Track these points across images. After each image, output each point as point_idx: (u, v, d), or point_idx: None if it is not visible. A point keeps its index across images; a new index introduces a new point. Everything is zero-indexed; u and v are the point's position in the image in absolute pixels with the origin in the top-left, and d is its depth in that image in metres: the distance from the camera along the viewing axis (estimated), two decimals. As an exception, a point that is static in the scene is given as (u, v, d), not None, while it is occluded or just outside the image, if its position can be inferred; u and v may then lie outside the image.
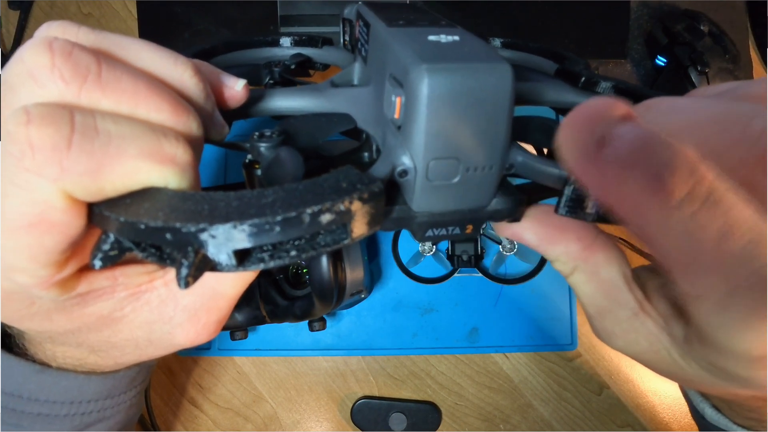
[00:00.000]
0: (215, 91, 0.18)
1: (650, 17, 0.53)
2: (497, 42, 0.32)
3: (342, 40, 0.27)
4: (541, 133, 0.22)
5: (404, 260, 0.49)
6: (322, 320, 0.45)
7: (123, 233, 0.14)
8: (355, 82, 0.24)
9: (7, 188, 0.14)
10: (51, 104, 0.14)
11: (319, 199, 0.13)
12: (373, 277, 0.49)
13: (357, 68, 0.24)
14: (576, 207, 0.17)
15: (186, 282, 0.13)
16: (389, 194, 0.17)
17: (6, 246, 0.14)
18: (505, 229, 0.20)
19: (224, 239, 0.13)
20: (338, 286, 0.38)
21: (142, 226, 0.13)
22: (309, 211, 0.13)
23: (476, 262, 0.48)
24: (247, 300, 0.42)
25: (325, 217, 0.14)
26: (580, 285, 0.20)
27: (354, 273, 0.38)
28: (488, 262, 0.50)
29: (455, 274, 0.49)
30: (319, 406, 0.49)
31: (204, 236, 0.13)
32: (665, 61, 0.50)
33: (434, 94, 0.15)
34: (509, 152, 0.18)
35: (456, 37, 0.17)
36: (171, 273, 0.20)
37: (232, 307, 0.22)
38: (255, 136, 0.17)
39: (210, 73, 0.18)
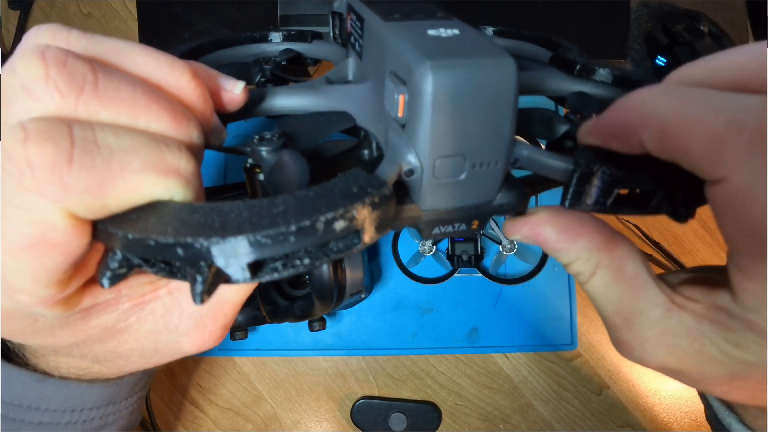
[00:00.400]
0: (213, 95, 0.18)
1: (650, 17, 0.53)
2: (490, 30, 0.32)
3: (332, 34, 0.27)
4: (542, 125, 0.21)
5: (404, 260, 0.49)
6: (322, 320, 0.45)
7: (131, 250, 0.14)
8: (350, 77, 0.24)
9: (5, 209, 0.13)
10: (48, 119, 0.13)
11: (332, 206, 0.13)
12: (373, 277, 0.49)
13: (351, 64, 0.24)
14: (580, 198, 0.17)
15: (201, 298, 0.13)
16: (397, 194, 0.17)
17: (7, 267, 0.14)
18: (521, 227, 0.19)
19: (238, 252, 0.13)
20: (338, 286, 0.38)
21: (152, 243, 0.13)
22: (323, 218, 0.13)
23: (476, 262, 0.48)
24: (247, 300, 0.41)
25: (339, 224, 0.13)
26: (603, 289, 0.18)
27: (354, 273, 0.38)
28: (488, 262, 0.50)
29: (455, 274, 0.49)
30: (319, 406, 0.49)
31: (217, 250, 0.13)
32: (665, 61, 0.50)
33: (439, 91, 0.15)
34: (514, 146, 0.18)
35: (456, 31, 0.17)
36: (175, 281, 0.20)
37: (237, 312, 0.21)
38: (255, 140, 0.17)
39: (207, 76, 0.18)
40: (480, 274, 0.49)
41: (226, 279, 0.14)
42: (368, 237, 0.14)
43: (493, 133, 0.16)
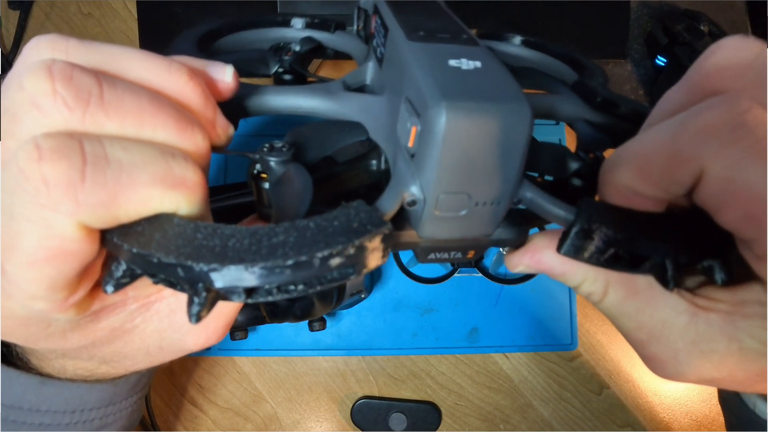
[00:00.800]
0: (208, 88, 0.18)
1: (650, 17, 0.53)
2: (517, 39, 0.31)
3: (356, 26, 0.26)
4: (553, 161, 0.21)
5: (404, 260, 0.49)
6: (322, 320, 0.45)
7: (135, 263, 0.14)
8: (368, 82, 0.23)
9: (21, 224, 0.14)
10: (59, 135, 0.13)
11: (330, 243, 0.14)
12: (373, 277, 0.49)
13: (371, 69, 0.23)
14: (576, 250, 0.17)
15: (198, 318, 0.14)
16: (396, 219, 0.17)
17: (24, 278, 0.14)
18: (521, 258, 0.19)
19: (235, 279, 0.13)
20: (338, 286, 0.38)
21: (155, 260, 0.13)
22: (320, 255, 0.13)
23: (476, 262, 0.48)
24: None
25: (335, 261, 0.14)
26: (620, 306, 0.18)
27: (354, 273, 0.38)
28: (488, 262, 0.50)
29: (455, 274, 0.49)
30: (319, 406, 0.49)
31: (215, 276, 0.13)
32: (665, 61, 0.50)
33: (452, 132, 0.15)
34: (520, 188, 0.18)
35: (477, 63, 0.17)
36: None
37: (238, 311, 0.22)
38: (265, 149, 0.17)
39: (197, 71, 0.18)
40: (480, 274, 0.49)
41: (223, 298, 0.14)
42: (364, 270, 0.15)
43: (499, 176, 0.16)
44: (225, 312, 0.21)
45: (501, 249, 0.48)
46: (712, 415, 0.50)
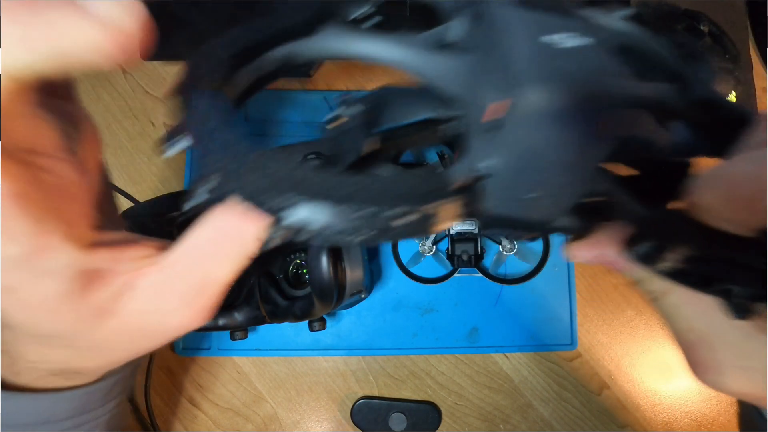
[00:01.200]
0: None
1: (650, 17, 0.53)
2: (622, 13, 0.29)
3: None
4: (636, 155, 0.20)
5: (404, 260, 0.49)
6: (322, 320, 0.45)
7: (225, 180, 0.15)
8: (457, 39, 0.21)
9: None
10: None
11: (398, 201, 0.14)
12: (373, 277, 0.49)
13: (462, 26, 0.21)
14: (646, 256, 0.16)
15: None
16: (463, 188, 0.17)
17: None
18: (584, 251, 0.18)
19: (308, 214, 0.14)
20: (338, 286, 0.38)
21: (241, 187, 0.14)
22: (387, 213, 0.14)
23: (476, 262, 0.48)
24: (247, 300, 0.42)
25: (398, 222, 0.14)
26: (677, 308, 0.18)
27: (354, 273, 0.38)
28: (488, 262, 0.50)
29: (455, 274, 0.49)
30: (319, 406, 0.49)
31: (291, 210, 0.14)
32: (665, 61, 0.50)
33: (532, 115, 0.14)
34: (596, 179, 0.17)
35: (575, 41, 0.15)
36: (167, 258, 0.20)
37: (225, 291, 0.21)
38: (344, 99, 0.18)
39: None
40: (480, 274, 0.49)
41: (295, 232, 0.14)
42: (428, 232, 0.15)
43: (576, 165, 0.16)
44: (211, 292, 0.20)
45: (501, 249, 0.48)
46: (711, 415, 0.50)
